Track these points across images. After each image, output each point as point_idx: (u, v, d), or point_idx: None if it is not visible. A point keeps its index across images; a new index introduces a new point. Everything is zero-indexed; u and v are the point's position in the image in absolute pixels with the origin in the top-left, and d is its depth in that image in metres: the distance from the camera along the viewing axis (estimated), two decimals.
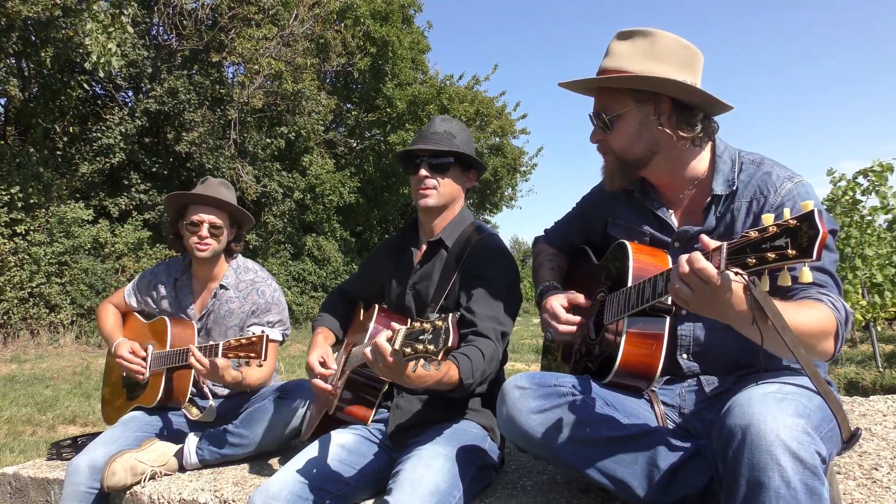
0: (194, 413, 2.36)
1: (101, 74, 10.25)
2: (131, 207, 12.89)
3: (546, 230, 2.07)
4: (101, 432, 2.39)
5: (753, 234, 1.06)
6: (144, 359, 2.46)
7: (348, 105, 19.26)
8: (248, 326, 2.48)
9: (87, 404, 6.43)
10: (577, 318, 1.66)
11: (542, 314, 1.74)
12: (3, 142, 11.38)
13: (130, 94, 14.03)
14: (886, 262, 7.75)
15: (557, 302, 1.69)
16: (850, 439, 1.20)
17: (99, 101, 13.70)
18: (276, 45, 13.44)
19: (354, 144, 18.75)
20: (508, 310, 1.82)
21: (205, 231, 2.41)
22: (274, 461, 2.31)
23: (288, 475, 1.67)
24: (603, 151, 1.64)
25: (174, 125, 13.04)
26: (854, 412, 2.13)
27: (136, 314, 2.68)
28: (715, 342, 1.54)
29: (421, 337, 1.29)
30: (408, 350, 1.29)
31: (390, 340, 1.39)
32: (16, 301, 10.76)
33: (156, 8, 12.86)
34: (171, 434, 2.42)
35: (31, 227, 10.96)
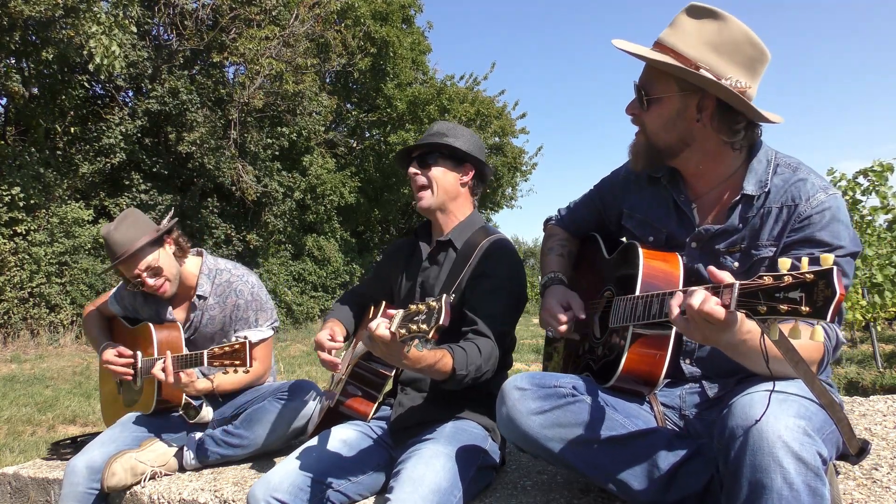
0: (191, 415, 2.36)
1: (104, 77, 10.23)
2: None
3: (560, 210, 2.00)
4: (100, 432, 2.39)
5: (768, 280, 1.00)
6: (132, 357, 2.44)
7: (348, 105, 19.27)
8: (235, 332, 2.46)
9: (87, 404, 6.43)
10: (579, 315, 1.65)
11: (542, 310, 1.72)
12: (3, 142, 11.36)
13: (131, 94, 14.01)
14: (886, 262, 7.75)
15: (556, 300, 1.68)
16: (860, 453, 1.19)
17: (99, 101, 13.65)
18: (277, 46, 13.43)
19: (355, 144, 18.75)
20: (510, 311, 1.83)
21: (148, 281, 2.32)
22: (274, 461, 2.31)
23: (290, 467, 1.67)
24: (636, 124, 1.54)
25: (175, 125, 13.02)
26: (854, 412, 2.12)
27: (121, 319, 2.64)
28: (719, 349, 1.53)
29: (416, 318, 1.32)
30: (403, 332, 1.33)
31: (388, 325, 1.42)
32: (16, 301, 10.77)
33: (156, 8, 12.85)
34: (170, 434, 2.42)
35: (32, 227, 10.95)
